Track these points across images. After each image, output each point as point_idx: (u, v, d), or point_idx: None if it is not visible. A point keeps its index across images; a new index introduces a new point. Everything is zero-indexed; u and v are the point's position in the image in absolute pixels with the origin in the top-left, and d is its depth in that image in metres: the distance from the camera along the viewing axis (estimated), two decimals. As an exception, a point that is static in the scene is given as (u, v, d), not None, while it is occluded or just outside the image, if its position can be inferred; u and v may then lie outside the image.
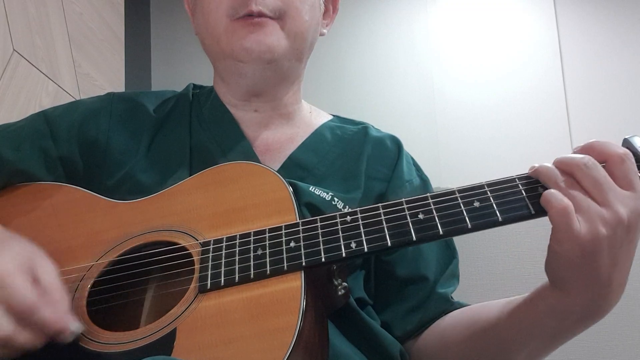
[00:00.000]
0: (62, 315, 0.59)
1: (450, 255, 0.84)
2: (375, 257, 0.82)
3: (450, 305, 0.79)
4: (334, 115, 0.94)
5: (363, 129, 0.90)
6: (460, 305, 0.80)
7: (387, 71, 2.44)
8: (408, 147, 0.92)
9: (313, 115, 0.92)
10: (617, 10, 2.42)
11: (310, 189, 0.77)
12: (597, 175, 0.56)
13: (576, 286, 0.58)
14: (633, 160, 0.56)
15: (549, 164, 0.59)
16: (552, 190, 0.57)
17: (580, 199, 0.56)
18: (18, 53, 1.33)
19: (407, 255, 0.81)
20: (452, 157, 2.26)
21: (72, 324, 0.59)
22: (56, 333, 0.58)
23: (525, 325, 0.65)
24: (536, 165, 0.60)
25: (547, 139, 2.27)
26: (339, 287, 0.63)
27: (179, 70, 2.47)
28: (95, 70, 1.78)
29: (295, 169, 0.81)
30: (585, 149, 0.59)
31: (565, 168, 0.58)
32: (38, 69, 1.41)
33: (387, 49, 2.47)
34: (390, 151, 0.88)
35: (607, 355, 1.30)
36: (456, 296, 0.82)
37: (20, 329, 0.57)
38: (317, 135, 0.87)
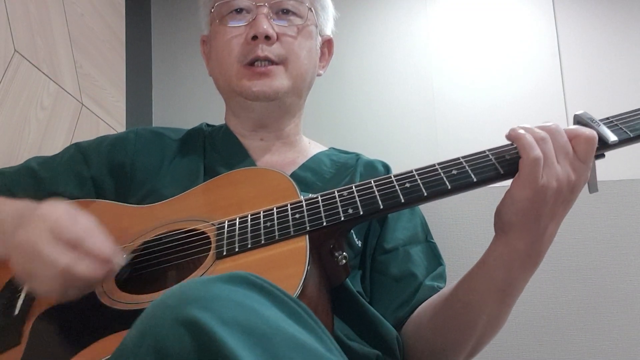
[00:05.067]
0: (106, 246, 0.68)
1: (437, 263, 0.96)
2: (372, 257, 0.94)
3: (435, 293, 0.89)
4: (330, 147, 1.10)
5: (355, 156, 1.07)
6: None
7: (386, 72, 2.44)
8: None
9: (311, 146, 1.08)
10: (616, 11, 2.43)
11: (309, 195, 0.86)
12: (562, 140, 0.69)
13: (519, 229, 0.70)
14: (595, 144, 0.69)
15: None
16: (530, 141, 0.68)
17: (549, 154, 0.68)
18: (19, 54, 1.33)
19: (398, 257, 0.93)
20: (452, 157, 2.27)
21: (115, 256, 0.69)
22: (104, 261, 0.67)
23: (480, 284, 0.76)
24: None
25: (546, 139, 2.28)
26: (340, 257, 0.72)
27: (179, 71, 2.47)
28: (97, 71, 1.78)
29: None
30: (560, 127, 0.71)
31: (543, 128, 0.70)
32: (39, 70, 1.42)
33: (386, 50, 2.47)
34: (379, 171, 1.03)
35: (607, 355, 1.30)
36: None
37: (76, 258, 0.65)
38: (315, 159, 1.03)
